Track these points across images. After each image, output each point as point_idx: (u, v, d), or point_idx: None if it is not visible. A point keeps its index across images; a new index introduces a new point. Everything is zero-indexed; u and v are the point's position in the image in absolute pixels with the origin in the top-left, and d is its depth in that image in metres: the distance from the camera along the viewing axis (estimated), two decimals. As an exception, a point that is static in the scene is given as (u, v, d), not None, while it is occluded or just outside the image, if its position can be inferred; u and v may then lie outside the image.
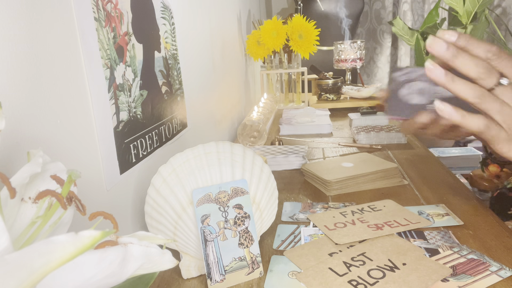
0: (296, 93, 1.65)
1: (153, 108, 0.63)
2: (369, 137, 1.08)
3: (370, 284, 0.46)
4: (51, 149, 0.40)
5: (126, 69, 0.54)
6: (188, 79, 0.82)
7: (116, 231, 0.21)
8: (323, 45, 2.00)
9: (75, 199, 0.25)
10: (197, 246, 0.50)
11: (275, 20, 1.45)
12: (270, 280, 0.49)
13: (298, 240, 0.58)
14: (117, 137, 0.52)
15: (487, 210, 0.64)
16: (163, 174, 0.52)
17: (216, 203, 0.49)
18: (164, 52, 0.68)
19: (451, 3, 1.69)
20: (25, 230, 0.24)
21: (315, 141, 1.15)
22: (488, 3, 1.64)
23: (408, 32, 1.98)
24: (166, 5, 0.70)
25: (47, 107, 0.39)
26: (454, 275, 0.47)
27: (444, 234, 0.57)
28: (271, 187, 0.56)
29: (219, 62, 1.12)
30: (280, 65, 1.57)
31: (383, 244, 0.54)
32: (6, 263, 0.17)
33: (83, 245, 0.17)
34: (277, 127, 1.34)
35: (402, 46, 2.41)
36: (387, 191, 0.74)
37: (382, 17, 2.40)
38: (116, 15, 0.52)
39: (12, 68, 0.34)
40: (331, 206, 0.69)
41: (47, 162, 0.28)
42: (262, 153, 0.95)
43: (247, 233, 0.50)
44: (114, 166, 0.51)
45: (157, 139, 0.64)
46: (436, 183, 0.77)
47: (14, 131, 0.35)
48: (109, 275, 0.19)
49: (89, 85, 0.46)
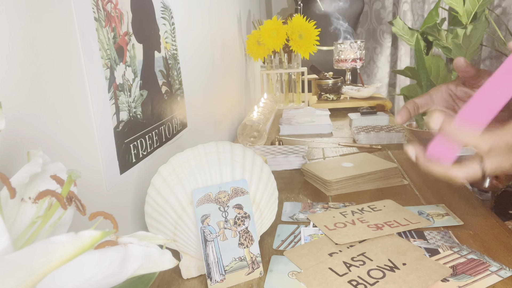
0: (296, 93, 1.65)
1: (153, 108, 0.63)
2: (369, 137, 1.08)
3: (370, 284, 0.46)
4: (51, 149, 0.40)
5: (126, 69, 0.54)
6: (188, 79, 0.82)
7: (116, 231, 0.22)
8: (323, 45, 2.00)
9: (75, 199, 0.25)
10: (197, 246, 0.50)
11: (275, 20, 1.45)
12: (270, 280, 0.49)
13: (298, 240, 0.58)
14: (117, 137, 0.52)
15: (487, 210, 0.64)
16: (163, 174, 0.52)
17: (216, 203, 0.49)
18: (164, 52, 0.68)
19: (451, 3, 1.69)
20: (25, 230, 0.24)
21: (315, 141, 1.15)
22: (488, 3, 1.64)
23: (408, 32, 1.98)
24: (166, 5, 0.70)
25: (47, 107, 0.39)
26: (454, 275, 0.47)
27: (444, 234, 0.57)
28: (271, 187, 0.56)
29: (219, 62, 1.12)
30: (280, 65, 1.57)
31: (383, 244, 0.54)
32: (6, 263, 0.17)
33: (83, 245, 0.17)
34: (277, 127, 1.34)
35: (402, 46, 2.41)
36: (387, 191, 0.74)
37: (382, 17, 2.40)
38: (116, 15, 0.52)
39: (12, 68, 0.35)
40: (331, 206, 0.69)
41: (47, 162, 0.28)
42: (262, 153, 0.95)
43: (247, 233, 0.50)
44: (114, 166, 0.51)
45: (157, 139, 0.64)
46: (436, 183, 0.77)
47: (14, 131, 0.35)
48: (109, 275, 0.19)
49: (89, 85, 0.46)
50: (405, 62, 2.42)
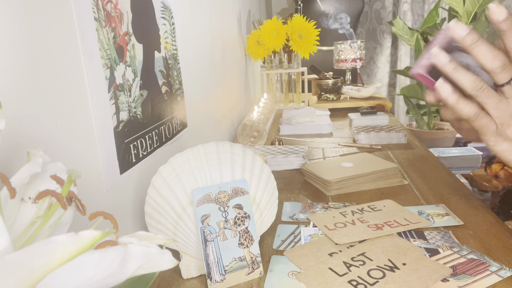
0: (296, 93, 1.65)
1: (153, 108, 0.63)
2: (369, 137, 1.08)
3: (370, 284, 0.46)
4: (51, 149, 0.40)
5: (126, 69, 0.54)
6: (188, 79, 0.82)
7: (116, 231, 0.22)
8: (323, 45, 2.00)
9: (75, 199, 0.25)
10: (197, 246, 0.50)
11: (275, 20, 1.45)
12: (270, 280, 0.49)
13: (298, 240, 0.58)
14: (117, 137, 0.52)
15: (487, 210, 0.64)
16: (163, 174, 0.52)
17: (216, 203, 0.49)
18: (164, 52, 0.68)
19: (451, 3, 1.69)
20: (25, 230, 0.24)
21: (315, 141, 1.15)
22: (488, 3, 1.64)
23: (408, 32, 1.98)
24: (166, 5, 0.70)
25: (47, 107, 0.39)
26: (454, 275, 0.47)
27: (444, 234, 0.57)
28: (271, 187, 0.56)
29: (219, 62, 1.12)
30: (280, 65, 1.57)
31: (383, 244, 0.54)
32: (6, 263, 0.17)
33: (83, 245, 0.17)
34: (277, 127, 1.34)
35: (402, 46, 2.41)
36: (387, 191, 0.74)
37: (382, 17, 2.40)
38: (116, 15, 0.52)
39: (12, 68, 0.35)
40: (331, 206, 0.69)
41: (47, 162, 0.28)
42: (262, 153, 0.95)
43: (247, 233, 0.50)
44: (114, 166, 0.51)
45: (157, 139, 0.64)
46: (436, 183, 0.77)
47: (14, 131, 0.35)
48: (109, 275, 0.19)
49: (89, 85, 0.46)
50: (405, 62, 2.42)
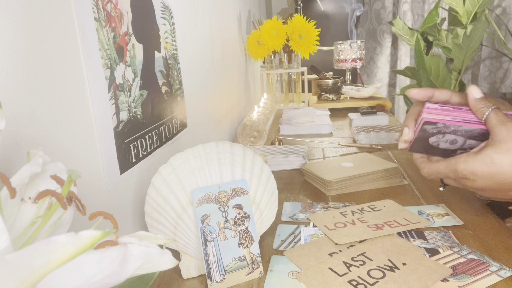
0: (296, 93, 1.65)
1: (153, 108, 0.63)
2: (369, 137, 1.08)
3: (370, 284, 0.46)
4: (51, 149, 0.40)
5: (126, 69, 0.54)
6: (188, 79, 0.82)
7: (116, 231, 0.22)
8: (323, 45, 2.00)
9: (75, 199, 0.25)
10: (197, 246, 0.50)
11: (275, 20, 1.45)
12: (270, 280, 0.49)
13: (298, 240, 0.58)
14: (117, 137, 0.52)
15: (487, 210, 0.64)
16: (163, 174, 0.52)
17: (216, 203, 0.49)
18: (164, 52, 0.68)
19: (451, 3, 1.69)
20: (25, 230, 0.24)
21: (315, 141, 1.15)
22: (488, 3, 1.64)
23: (408, 32, 1.98)
24: (166, 5, 0.70)
25: (47, 107, 0.39)
26: (454, 275, 0.47)
27: (444, 234, 0.57)
28: (271, 187, 0.56)
29: (219, 62, 1.12)
30: (280, 65, 1.57)
31: (383, 244, 0.54)
32: (6, 263, 0.16)
33: (83, 245, 0.17)
34: (277, 127, 1.34)
35: (402, 46, 2.41)
36: (387, 191, 0.74)
37: (382, 17, 2.40)
38: (116, 15, 0.52)
39: (12, 68, 0.35)
40: (331, 206, 0.69)
41: (47, 162, 0.28)
42: (262, 153, 0.95)
43: (247, 233, 0.50)
44: (114, 166, 0.51)
45: (157, 139, 0.64)
46: (436, 183, 0.77)
47: (14, 131, 0.35)
48: (109, 275, 0.19)
49: (89, 85, 0.46)
50: (405, 62, 2.42)
